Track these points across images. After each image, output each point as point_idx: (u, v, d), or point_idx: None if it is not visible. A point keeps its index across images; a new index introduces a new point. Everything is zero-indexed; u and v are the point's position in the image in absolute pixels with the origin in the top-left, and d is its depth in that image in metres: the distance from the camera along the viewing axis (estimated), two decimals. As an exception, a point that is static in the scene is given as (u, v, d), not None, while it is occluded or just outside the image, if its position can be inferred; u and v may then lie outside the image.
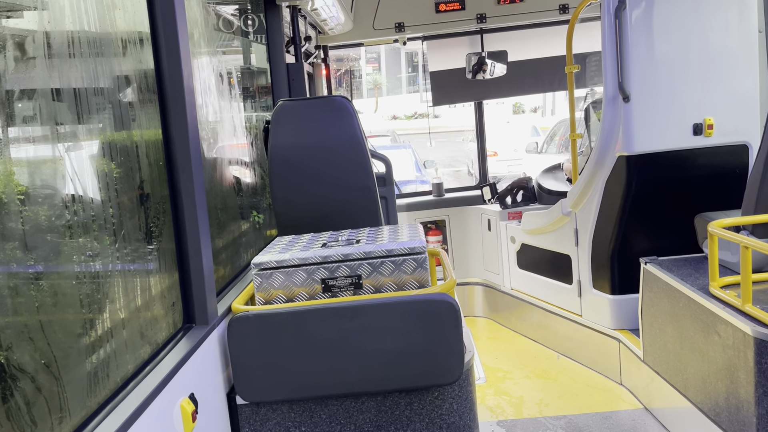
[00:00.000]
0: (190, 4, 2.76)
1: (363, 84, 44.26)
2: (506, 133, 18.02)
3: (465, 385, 2.51)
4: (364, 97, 43.14)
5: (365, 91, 44.20)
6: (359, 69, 43.76)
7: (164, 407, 1.87)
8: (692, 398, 3.37)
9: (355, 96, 45.23)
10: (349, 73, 17.09)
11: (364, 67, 42.13)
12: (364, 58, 40.04)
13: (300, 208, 3.24)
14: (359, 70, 43.90)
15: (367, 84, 43.72)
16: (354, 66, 42.77)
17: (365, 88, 44.06)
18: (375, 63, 42.29)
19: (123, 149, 2.09)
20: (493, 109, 28.18)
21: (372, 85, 42.54)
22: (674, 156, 4.09)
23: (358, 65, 42.65)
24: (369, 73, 43.05)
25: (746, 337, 2.81)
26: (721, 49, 4.03)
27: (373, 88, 42.44)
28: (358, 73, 44.16)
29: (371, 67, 42.53)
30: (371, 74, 42.96)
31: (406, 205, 6.36)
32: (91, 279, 1.82)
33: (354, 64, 41.80)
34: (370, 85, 43.02)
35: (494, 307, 6.13)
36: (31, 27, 1.63)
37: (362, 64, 41.22)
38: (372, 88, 42.35)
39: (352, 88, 7.83)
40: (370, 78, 43.08)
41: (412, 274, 2.55)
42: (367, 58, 40.65)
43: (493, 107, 28.35)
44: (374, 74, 43.15)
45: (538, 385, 4.63)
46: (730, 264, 3.46)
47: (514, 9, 5.87)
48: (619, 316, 4.43)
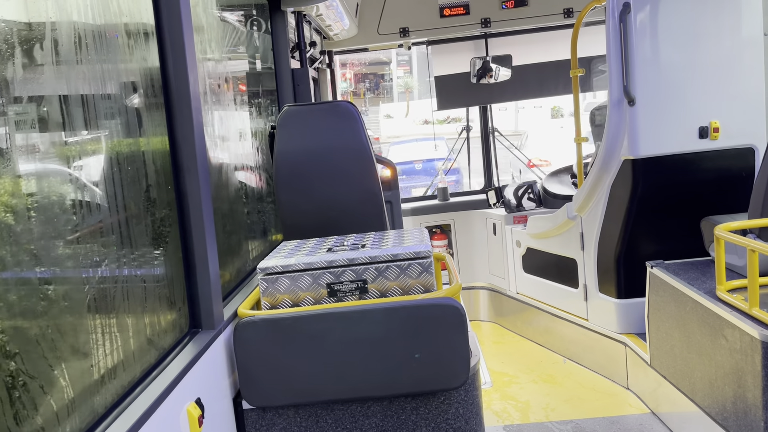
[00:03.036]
0: (195, 10, 2.78)
1: (394, 87, 42.29)
2: (559, 138, 15.82)
3: (471, 390, 2.50)
4: (395, 101, 41.21)
5: (396, 95, 42.25)
6: (389, 72, 41.74)
7: (171, 412, 1.87)
8: (699, 402, 3.36)
9: (385, 100, 40.53)
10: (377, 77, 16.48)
11: (395, 70, 40.36)
12: (395, 60, 39.02)
13: (305, 213, 3.24)
14: (389, 74, 41.91)
15: (398, 87, 41.69)
16: (382, 69, 40.89)
17: (396, 91, 42.13)
18: (406, 66, 40.62)
19: (130, 154, 2.10)
20: (530, 114, 27.32)
21: (403, 89, 40.62)
22: (680, 159, 4.08)
23: (388, 68, 40.86)
24: (400, 77, 41.04)
25: (753, 340, 2.80)
26: (727, 52, 4.02)
27: (404, 92, 40.66)
28: (389, 77, 42.26)
29: (402, 70, 40.46)
30: (402, 77, 41.01)
31: (411, 210, 6.36)
32: (97, 284, 1.82)
33: (384, 67, 40.41)
34: (401, 89, 40.93)
35: (500, 312, 6.12)
36: (38, 33, 1.64)
37: (393, 67, 39.76)
38: (403, 91, 40.47)
39: (377, 90, 7.84)
40: (401, 81, 41.03)
41: (418, 278, 2.55)
42: (398, 60, 39.27)
43: (530, 111, 27.53)
44: (405, 77, 41.15)
45: (544, 390, 4.61)
46: (736, 267, 3.44)
47: (518, 13, 5.88)
48: (625, 320, 4.42)
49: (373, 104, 40.04)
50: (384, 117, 36.13)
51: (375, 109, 38.66)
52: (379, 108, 38.40)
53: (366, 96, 41.37)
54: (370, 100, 41.13)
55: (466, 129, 6.89)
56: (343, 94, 36.90)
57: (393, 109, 38.42)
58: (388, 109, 38.50)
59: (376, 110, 38.18)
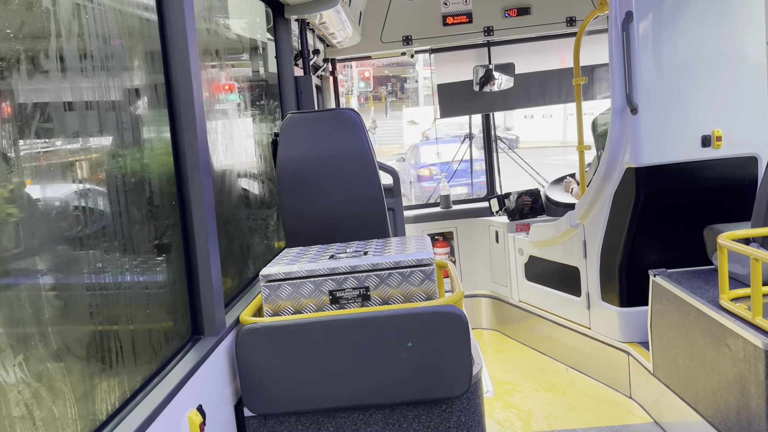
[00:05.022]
0: (199, 18, 2.79)
1: (420, 89, 37.85)
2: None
3: (473, 398, 2.50)
4: (421, 104, 36.88)
5: (421, 98, 37.78)
6: (414, 75, 37.47)
7: (172, 418, 1.87)
8: (703, 412, 3.34)
9: (408, 104, 36.87)
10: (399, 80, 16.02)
11: (421, 70, 35.73)
12: (421, 60, 34.40)
13: (308, 220, 3.24)
14: (414, 76, 37.69)
15: (424, 89, 37.19)
16: (405, 72, 36.60)
17: (422, 94, 37.72)
18: (433, 65, 37.37)
19: (133, 162, 2.10)
20: (571, 126, 26.60)
21: (430, 90, 35.91)
22: (683, 168, 4.08)
23: (413, 70, 36.67)
24: (427, 77, 35.83)
25: (757, 350, 2.79)
26: (730, 60, 4.02)
27: (431, 94, 35.96)
28: (413, 79, 38.15)
29: (429, 69, 37.10)
30: (429, 78, 35.81)
31: (413, 217, 6.36)
32: (100, 290, 1.82)
33: (407, 69, 36.48)
34: (428, 90, 36.49)
35: (502, 320, 6.11)
36: (45, 43, 1.65)
37: (419, 67, 35.28)
38: (430, 94, 35.86)
39: (402, 94, 7.84)
40: (427, 82, 36.40)
41: (420, 285, 2.54)
42: (425, 60, 36.52)
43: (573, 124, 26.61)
44: (433, 77, 39.12)
45: (546, 399, 4.59)
46: (740, 276, 3.44)
47: (521, 22, 5.90)
48: (628, 328, 4.41)
49: (395, 108, 36.85)
50: (408, 123, 33.08)
51: (397, 114, 35.67)
52: (402, 113, 35.13)
53: (387, 100, 38.12)
54: (391, 104, 37.76)
55: (469, 137, 6.90)
56: (360, 96, 33.56)
57: (418, 113, 34.68)
58: (413, 113, 35.07)
59: (399, 115, 35.08)
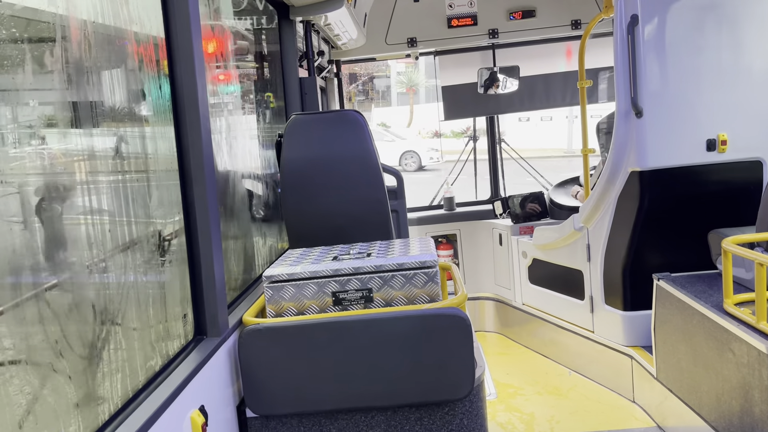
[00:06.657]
0: (205, 19, 2.80)
1: (392, 86, 30.28)
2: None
3: (475, 401, 2.49)
4: (394, 104, 29.73)
5: (395, 97, 30.43)
6: (386, 72, 29.99)
7: (174, 419, 1.87)
8: (706, 417, 3.33)
9: (381, 104, 30.18)
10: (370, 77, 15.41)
11: (394, 65, 28.37)
12: None
13: (311, 221, 3.24)
14: (386, 73, 30.23)
15: (398, 85, 29.44)
16: (377, 68, 29.12)
17: (394, 92, 30.31)
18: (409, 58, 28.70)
19: (137, 161, 2.11)
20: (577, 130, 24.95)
21: (404, 86, 28.67)
22: (687, 172, 4.07)
23: (384, 65, 29.03)
24: (401, 72, 28.82)
25: (761, 355, 2.78)
26: (735, 64, 4.02)
27: (407, 92, 28.72)
28: (385, 75, 30.62)
29: (402, 63, 28.29)
30: (404, 72, 28.58)
31: (417, 219, 6.36)
32: (104, 290, 1.83)
33: (379, 64, 28.21)
34: (402, 87, 28.99)
35: (505, 323, 6.10)
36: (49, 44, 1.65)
37: (392, 61, 26.54)
38: (404, 91, 28.88)
39: (371, 91, 7.83)
40: (403, 77, 28.86)
41: (423, 288, 2.54)
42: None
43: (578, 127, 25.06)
44: (409, 72, 28.43)
45: (549, 402, 4.58)
46: (744, 281, 3.42)
47: (526, 24, 5.89)
48: (631, 332, 4.39)
49: (364, 109, 29.04)
50: (378, 126, 25.46)
51: (366, 115, 29.63)
52: (371, 114, 27.87)
53: (356, 99, 30.63)
54: (359, 103, 30.74)
55: (473, 139, 6.89)
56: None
57: (390, 115, 27.74)
58: (384, 115, 28.08)
59: (368, 117, 29.02)
